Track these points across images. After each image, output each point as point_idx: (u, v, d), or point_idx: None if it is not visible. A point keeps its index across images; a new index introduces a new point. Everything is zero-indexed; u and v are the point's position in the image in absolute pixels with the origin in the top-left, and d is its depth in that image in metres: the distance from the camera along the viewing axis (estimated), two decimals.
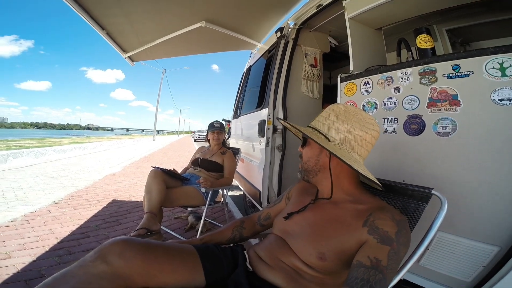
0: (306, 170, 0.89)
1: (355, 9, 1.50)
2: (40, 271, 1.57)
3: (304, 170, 0.89)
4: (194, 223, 2.42)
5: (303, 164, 0.90)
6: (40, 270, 1.58)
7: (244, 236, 1.04)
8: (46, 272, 1.56)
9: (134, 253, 0.69)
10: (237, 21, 2.80)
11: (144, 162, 7.44)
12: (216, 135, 2.46)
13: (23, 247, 1.87)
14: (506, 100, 0.90)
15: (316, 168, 0.86)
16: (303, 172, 0.90)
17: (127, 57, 3.28)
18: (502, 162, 0.92)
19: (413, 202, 0.87)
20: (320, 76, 2.61)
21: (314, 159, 0.86)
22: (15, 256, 1.72)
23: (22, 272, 1.55)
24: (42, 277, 1.51)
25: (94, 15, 2.39)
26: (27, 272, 1.56)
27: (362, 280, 0.60)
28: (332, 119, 0.83)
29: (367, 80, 1.35)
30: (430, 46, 1.23)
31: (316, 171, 0.87)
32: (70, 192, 3.47)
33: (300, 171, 0.92)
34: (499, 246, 0.93)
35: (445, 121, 1.04)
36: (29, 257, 1.72)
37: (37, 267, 1.62)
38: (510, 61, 0.90)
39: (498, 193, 0.93)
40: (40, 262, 1.67)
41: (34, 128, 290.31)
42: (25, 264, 1.64)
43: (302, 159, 0.91)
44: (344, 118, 0.81)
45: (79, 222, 2.42)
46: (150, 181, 1.87)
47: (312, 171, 0.87)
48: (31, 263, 1.66)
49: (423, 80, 1.12)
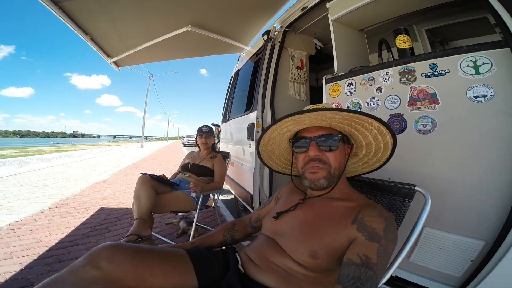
0: (336, 176, 0.83)
1: (338, 11, 1.53)
2: (29, 279, 1.54)
3: (333, 177, 0.82)
4: (185, 228, 2.40)
5: (334, 170, 0.82)
6: (30, 279, 1.55)
7: (236, 238, 1.04)
8: (35, 280, 1.53)
9: (124, 257, 0.69)
10: (223, 25, 2.80)
11: (133, 169, 7.31)
12: (204, 139, 2.45)
13: (10, 255, 1.82)
14: (481, 97, 0.94)
15: (342, 171, 0.84)
16: (331, 178, 0.82)
17: (112, 62, 3.23)
18: (480, 157, 0.96)
19: (398, 199, 0.89)
20: (306, 78, 2.64)
21: (343, 161, 0.84)
22: (2, 265, 1.68)
23: (10, 280, 1.52)
24: (32, 285, 1.48)
25: (77, 20, 2.34)
26: (16, 280, 1.53)
27: (353, 278, 0.61)
28: None
29: (350, 81, 1.39)
30: (408, 46, 1.27)
31: (340, 175, 0.84)
32: (56, 200, 3.38)
33: (327, 178, 0.81)
34: (484, 240, 0.95)
35: (425, 119, 1.08)
36: (17, 265, 1.69)
37: (26, 275, 1.58)
38: (483, 59, 0.94)
39: (479, 188, 0.96)
40: (29, 271, 1.64)
41: (17, 137, 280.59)
42: (14, 272, 1.60)
43: (330, 165, 0.82)
44: None
45: (67, 230, 2.37)
46: (138, 187, 1.85)
47: (340, 175, 0.84)
48: (20, 271, 1.62)
49: (403, 80, 1.16)
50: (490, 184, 0.94)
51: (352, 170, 0.98)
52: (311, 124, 0.85)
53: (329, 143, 0.82)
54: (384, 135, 0.80)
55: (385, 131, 0.79)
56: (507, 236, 0.87)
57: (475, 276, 0.95)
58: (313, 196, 0.87)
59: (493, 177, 0.93)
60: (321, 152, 0.82)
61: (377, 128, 0.79)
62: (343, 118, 0.78)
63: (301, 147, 0.86)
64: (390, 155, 0.84)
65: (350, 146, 0.87)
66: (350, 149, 0.87)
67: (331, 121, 0.81)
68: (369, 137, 0.83)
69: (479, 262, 0.95)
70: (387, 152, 0.85)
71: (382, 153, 0.86)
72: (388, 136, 0.80)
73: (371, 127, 0.79)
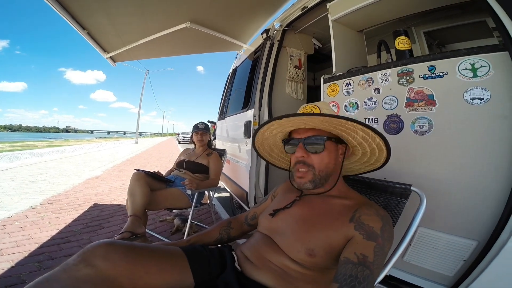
0: (323, 178, 0.81)
1: (338, 11, 1.54)
2: (20, 277, 1.51)
3: (321, 179, 0.81)
4: (180, 225, 2.38)
5: (319, 172, 0.81)
6: (21, 276, 1.52)
7: (232, 236, 1.04)
8: (27, 278, 1.50)
9: (118, 255, 0.67)
10: (223, 22, 2.78)
11: (127, 165, 7.24)
12: (200, 136, 2.43)
13: (0, 253, 1.78)
14: (478, 99, 0.96)
15: (332, 172, 0.83)
16: (318, 181, 0.81)
17: (108, 57, 3.18)
18: (475, 158, 0.97)
19: (394, 199, 0.90)
20: (304, 78, 2.65)
21: (333, 162, 0.82)
22: None
23: (1, 278, 1.49)
24: (23, 283, 1.46)
25: (75, 15, 2.31)
26: (7, 278, 1.50)
27: (350, 276, 0.61)
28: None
29: (349, 81, 1.39)
30: (407, 48, 1.28)
31: (330, 175, 0.83)
32: (48, 196, 3.32)
33: (313, 181, 0.81)
34: (477, 240, 0.97)
35: (422, 120, 1.09)
36: (7, 263, 1.65)
37: (17, 273, 1.56)
38: (481, 62, 0.96)
39: (473, 189, 0.98)
40: (20, 268, 1.61)
41: (8, 131, 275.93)
42: (4, 270, 1.57)
43: (314, 167, 0.81)
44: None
45: (59, 226, 2.33)
46: (133, 183, 1.83)
47: (327, 176, 0.82)
48: (10, 269, 1.59)
49: (401, 81, 1.16)
50: (484, 185, 0.95)
51: (356, 169, 0.97)
52: (296, 126, 0.85)
53: (314, 145, 0.81)
54: (373, 137, 0.78)
55: (372, 134, 0.77)
56: (499, 237, 0.88)
57: (467, 276, 0.96)
58: (310, 193, 0.87)
59: (487, 178, 0.95)
60: (307, 154, 0.81)
61: (361, 130, 0.77)
62: (321, 122, 0.78)
63: (291, 147, 0.86)
64: (388, 155, 0.84)
65: (345, 145, 0.86)
66: (345, 148, 0.86)
67: (313, 123, 0.80)
68: (358, 138, 0.81)
69: (471, 262, 0.97)
70: (383, 153, 0.84)
71: (379, 153, 0.85)
72: (377, 138, 0.78)
73: (356, 129, 0.78)
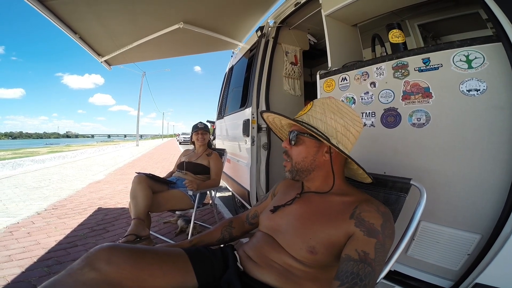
0: (300, 170, 0.83)
1: (331, 6, 1.53)
2: (31, 282, 1.54)
3: (297, 170, 0.83)
4: (184, 226, 2.40)
5: (296, 164, 0.83)
6: (31, 281, 1.55)
7: (234, 235, 1.04)
8: (37, 283, 1.53)
9: (122, 259, 0.68)
10: (216, 21, 2.77)
11: (128, 168, 7.26)
12: (200, 135, 2.44)
13: (9, 258, 1.82)
14: (474, 91, 0.95)
15: (311, 168, 0.83)
16: (295, 172, 0.84)
17: (103, 61, 3.18)
18: (474, 150, 0.96)
19: (393, 194, 0.89)
20: (301, 74, 2.64)
21: (310, 158, 0.82)
22: (3, 268, 1.68)
23: (12, 283, 1.52)
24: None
25: (65, 19, 2.29)
26: (18, 283, 1.53)
27: (352, 274, 0.62)
28: (329, 116, 0.80)
29: (344, 76, 1.39)
30: (401, 41, 1.27)
31: (310, 170, 0.83)
32: (52, 202, 3.35)
33: (290, 171, 0.84)
34: (480, 234, 0.96)
35: (419, 113, 1.09)
36: (17, 268, 1.69)
37: (27, 278, 1.59)
38: (475, 54, 0.95)
39: (473, 181, 0.97)
40: (30, 273, 1.64)
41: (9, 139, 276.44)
42: (15, 275, 1.60)
43: (292, 158, 0.84)
44: (340, 115, 0.81)
45: (65, 231, 2.36)
46: (134, 187, 1.84)
47: (306, 170, 0.83)
48: (21, 274, 1.63)
49: (396, 74, 1.16)
50: (484, 177, 0.95)
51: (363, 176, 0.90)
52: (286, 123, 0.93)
53: (294, 138, 0.84)
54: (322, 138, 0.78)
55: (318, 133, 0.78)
56: (503, 229, 0.87)
57: (473, 269, 0.95)
58: (310, 191, 0.87)
59: (486, 170, 0.94)
60: (290, 146, 0.85)
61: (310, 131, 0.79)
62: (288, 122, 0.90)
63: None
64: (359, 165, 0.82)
65: (328, 145, 0.82)
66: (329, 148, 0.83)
67: (285, 121, 0.91)
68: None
69: (476, 256, 0.95)
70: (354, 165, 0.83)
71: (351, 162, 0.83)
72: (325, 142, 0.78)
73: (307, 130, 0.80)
